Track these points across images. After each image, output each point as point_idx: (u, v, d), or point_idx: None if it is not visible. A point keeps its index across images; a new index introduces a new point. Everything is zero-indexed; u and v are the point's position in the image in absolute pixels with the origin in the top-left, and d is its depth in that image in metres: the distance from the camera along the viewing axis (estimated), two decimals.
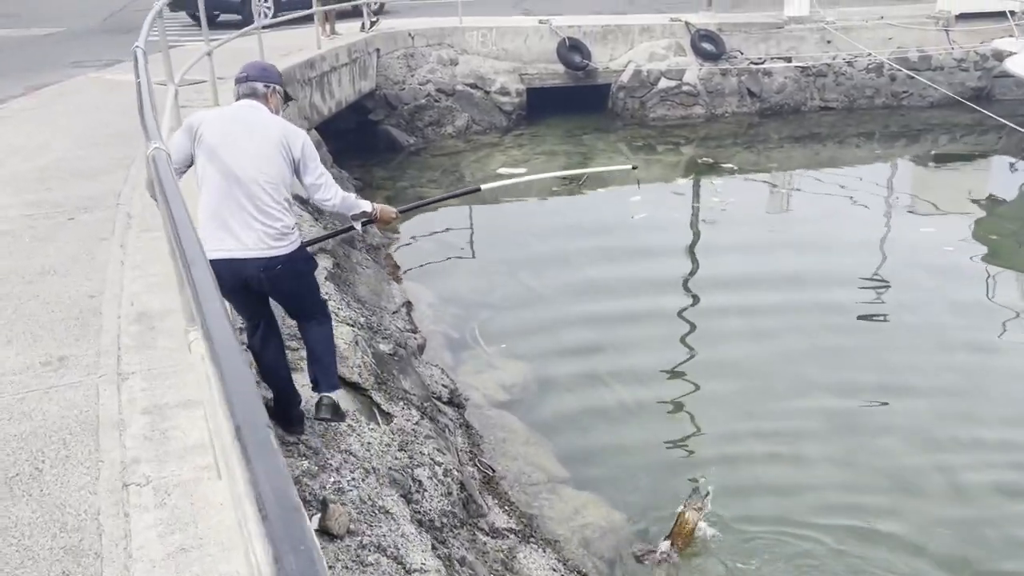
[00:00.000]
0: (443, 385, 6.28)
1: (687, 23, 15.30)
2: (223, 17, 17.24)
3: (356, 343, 5.38)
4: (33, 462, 2.84)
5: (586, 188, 11.74)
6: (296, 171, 3.68)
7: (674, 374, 7.00)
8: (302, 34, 13.03)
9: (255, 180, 3.48)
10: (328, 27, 13.49)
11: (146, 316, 3.85)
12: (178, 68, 7.17)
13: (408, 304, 7.80)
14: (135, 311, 3.91)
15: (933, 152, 13.87)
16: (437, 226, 10.65)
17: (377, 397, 4.97)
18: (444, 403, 6.01)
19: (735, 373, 6.96)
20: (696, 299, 8.38)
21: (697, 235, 10.18)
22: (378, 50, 13.96)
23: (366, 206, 3.99)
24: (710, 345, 7.42)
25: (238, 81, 3.76)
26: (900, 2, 17.75)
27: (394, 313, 7.35)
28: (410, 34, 14.50)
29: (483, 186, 6.26)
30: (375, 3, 16.81)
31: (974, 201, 11.61)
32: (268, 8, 17.16)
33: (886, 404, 6.53)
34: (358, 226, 4.15)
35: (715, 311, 8.04)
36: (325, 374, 3.88)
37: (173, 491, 2.64)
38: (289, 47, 11.81)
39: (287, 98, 3.92)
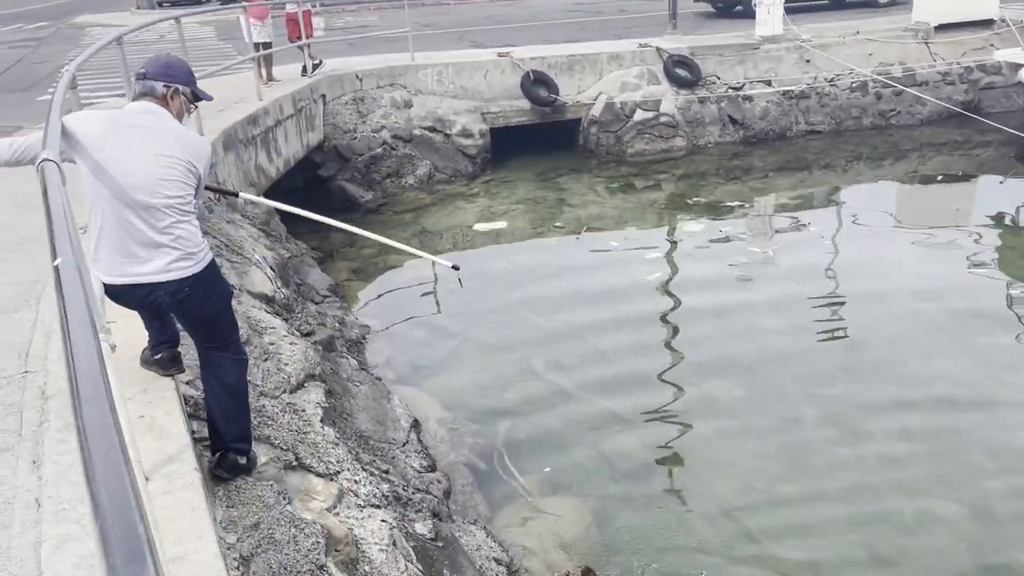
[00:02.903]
0: (495, 559, 4.68)
1: (658, 48, 14.05)
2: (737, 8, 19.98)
3: (394, 544, 3.75)
4: None
5: (585, 239, 10.27)
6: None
7: (775, 501, 5.54)
8: (239, 82, 11.29)
9: (154, 200, 3.21)
10: (265, 73, 11.78)
11: None
12: None
13: (416, 425, 6.17)
14: None
15: (939, 174, 12.82)
16: (415, 302, 9.01)
17: None
18: None
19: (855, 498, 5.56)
20: (752, 378, 6.96)
21: (731, 295, 8.75)
22: (324, 96, 12.28)
23: None
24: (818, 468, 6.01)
25: (137, 78, 3.41)
26: (872, 15, 16.96)
27: (404, 445, 5.72)
28: (358, 75, 12.86)
29: (357, 230, 6.45)
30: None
31: (992, 220, 10.59)
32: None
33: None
34: None
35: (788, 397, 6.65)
36: (240, 420, 3.60)
37: None
38: (225, 98, 10.06)
39: (196, 98, 3.38)
